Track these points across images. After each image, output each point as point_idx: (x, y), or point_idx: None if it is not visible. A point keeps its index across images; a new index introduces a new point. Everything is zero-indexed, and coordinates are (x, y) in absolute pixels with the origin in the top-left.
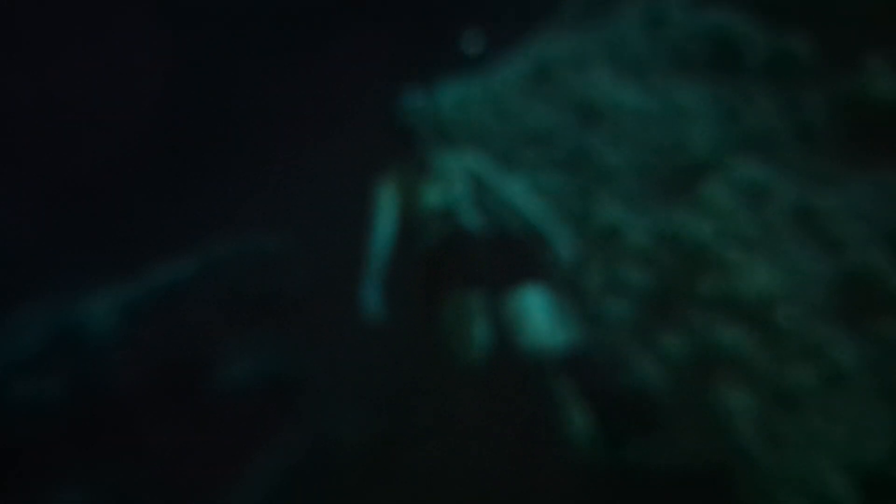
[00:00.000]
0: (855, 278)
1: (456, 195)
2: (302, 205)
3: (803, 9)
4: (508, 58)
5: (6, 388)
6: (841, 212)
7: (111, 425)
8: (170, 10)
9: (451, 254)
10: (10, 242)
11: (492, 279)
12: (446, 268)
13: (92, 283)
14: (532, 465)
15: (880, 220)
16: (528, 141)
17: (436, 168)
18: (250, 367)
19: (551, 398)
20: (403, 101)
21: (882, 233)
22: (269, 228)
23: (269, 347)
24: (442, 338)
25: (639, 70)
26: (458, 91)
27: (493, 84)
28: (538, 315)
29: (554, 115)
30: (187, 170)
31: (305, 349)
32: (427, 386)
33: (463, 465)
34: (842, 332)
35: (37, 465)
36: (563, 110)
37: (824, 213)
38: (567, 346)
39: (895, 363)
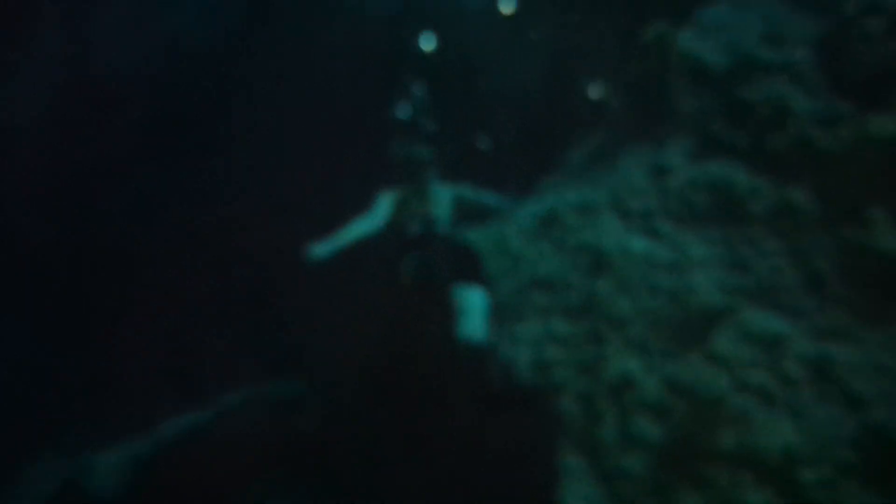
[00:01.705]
0: (880, 437)
1: (440, 211)
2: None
3: (804, 161)
4: (520, 206)
5: None
6: (860, 366)
7: None
8: None
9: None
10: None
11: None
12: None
13: (102, 437)
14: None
15: None
16: (539, 286)
17: (430, 193)
18: None
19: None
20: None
21: None
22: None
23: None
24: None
25: (645, 218)
26: (472, 237)
27: (505, 230)
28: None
29: (564, 261)
30: None
31: None
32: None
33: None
34: (869, 494)
35: None
36: (572, 257)
37: (843, 367)
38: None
39: None
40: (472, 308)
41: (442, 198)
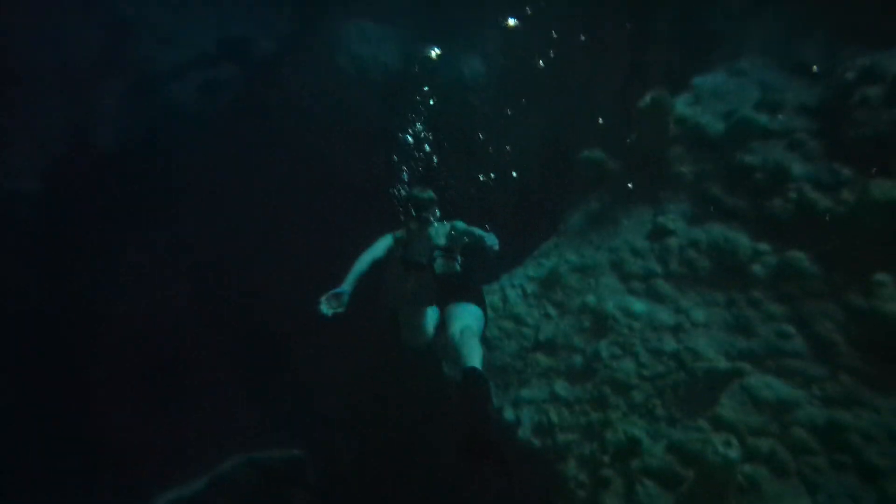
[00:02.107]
0: None
1: (439, 242)
2: None
3: (805, 225)
4: (520, 268)
5: None
6: (873, 434)
7: None
8: None
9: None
10: None
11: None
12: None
13: None
14: None
15: None
16: (542, 349)
17: (430, 228)
18: None
19: None
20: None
21: None
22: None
23: None
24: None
25: (647, 279)
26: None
27: (507, 292)
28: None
29: (566, 323)
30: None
31: None
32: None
33: None
34: None
35: None
36: (574, 318)
37: (855, 435)
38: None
39: None
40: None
41: (440, 231)
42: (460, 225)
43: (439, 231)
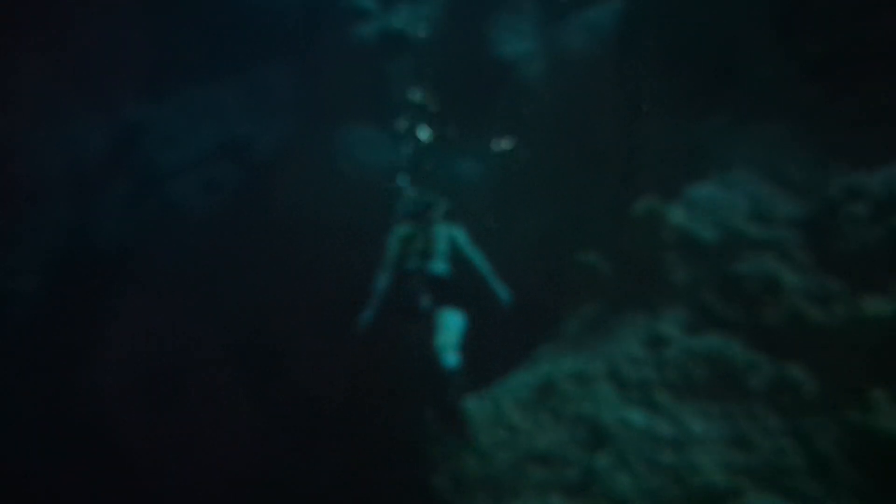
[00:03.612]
0: None
1: (438, 247)
2: None
3: (799, 337)
4: (514, 374)
5: None
6: None
7: None
8: None
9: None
10: None
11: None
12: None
13: None
14: None
15: None
16: (536, 461)
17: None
18: None
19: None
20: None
21: None
22: None
23: None
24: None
25: (643, 389)
26: (465, 409)
27: (499, 403)
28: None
29: (561, 434)
30: None
31: None
32: None
33: None
34: None
35: None
36: (570, 429)
37: None
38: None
39: None
40: (450, 325)
41: (441, 234)
42: (461, 237)
43: (440, 235)
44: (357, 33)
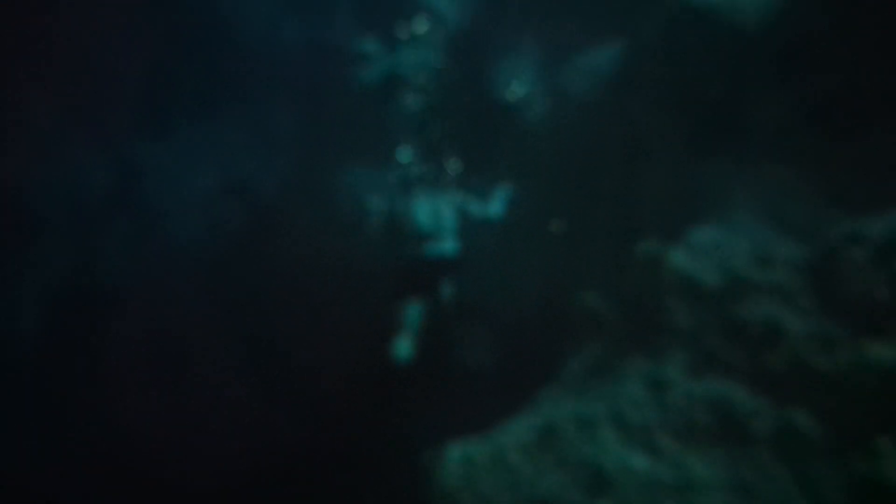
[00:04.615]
0: None
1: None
2: None
3: (803, 383)
4: (514, 418)
5: None
6: None
7: None
8: None
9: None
10: None
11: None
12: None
13: None
14: None
15: None
16: None
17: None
18: None
19: None
20: None
21: None
22: None
23: None
24: None
25: (646, 435)
26: (464, 452)
27: (499, 445)
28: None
29: (562, 480)
30: None
31: None
32: None
33: None
34: None
35: None
36: (572, 473)
37: None
38: None
39: None
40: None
41: (444, 208)
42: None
43: (441, 210)
44: (360, 75)
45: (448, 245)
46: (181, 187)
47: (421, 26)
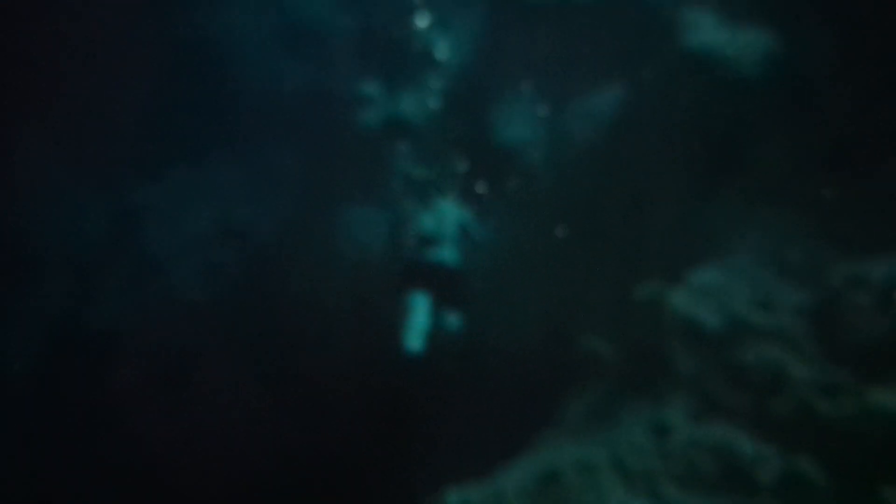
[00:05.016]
0: None
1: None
2: None
3: (807, 429)
4: (514, 463)
5: None
6: None
7: None
8: None
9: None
10: None
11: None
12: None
13: None
14: None
15: None
16: None
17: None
18: None
19: None
20: None
21: None
22: None
23: None
24: None
25: (649, 480)
26: (463, 497)
27: (499, 490)
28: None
29: None
30: None
31: None
32: None
33: None
34: None
35: None
36: None
37: None
38: None
39: None
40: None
41: (449, 215)
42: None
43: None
44: (360, 118)
45: (449, 253)
46: (180, 230)
47: (422, 70)
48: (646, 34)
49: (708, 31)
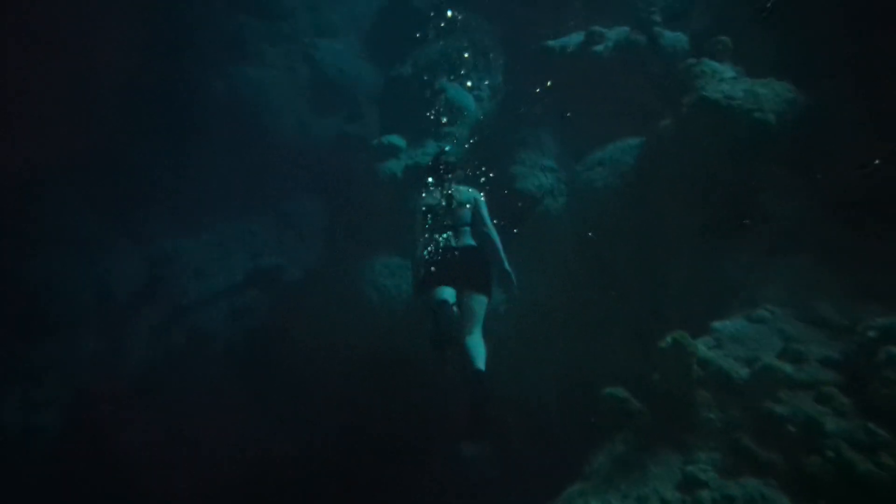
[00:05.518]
0: None
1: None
2: None
3: (847, 488)
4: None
5: None
6: None
7: None
8: None
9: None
10: None
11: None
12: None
13: None
14: None
15: None
16: None
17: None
18: None
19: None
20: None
21: None
22: None
23: None
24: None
25: None
26: None
27: None
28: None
29: None
30: None
31: None
32: None
33: None
34: None
35: None
36: None
37: None
38: None
39: None
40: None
41: (467, 198)
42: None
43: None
44: (386, 168)
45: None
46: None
47: (448, 122)
48: (665, 84)
49: (727, 82)
